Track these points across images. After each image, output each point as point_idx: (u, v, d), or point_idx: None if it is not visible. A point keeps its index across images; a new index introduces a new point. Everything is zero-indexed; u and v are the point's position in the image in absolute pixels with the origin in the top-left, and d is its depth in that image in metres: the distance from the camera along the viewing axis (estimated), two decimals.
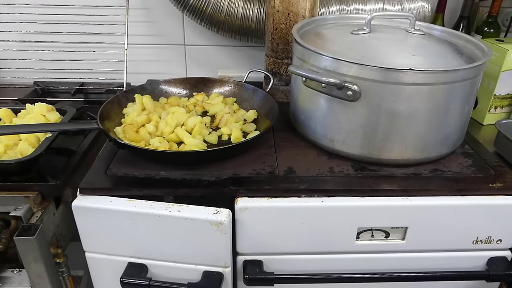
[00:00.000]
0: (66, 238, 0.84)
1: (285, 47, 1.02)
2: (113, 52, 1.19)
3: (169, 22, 1.25)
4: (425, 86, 0.73)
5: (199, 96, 1.01)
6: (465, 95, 0.79)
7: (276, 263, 0.79)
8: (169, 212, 0.70)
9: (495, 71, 1.03)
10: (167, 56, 1.30)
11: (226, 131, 0.88)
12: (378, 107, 0.76)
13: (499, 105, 1.07)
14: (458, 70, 0.74)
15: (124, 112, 0.93)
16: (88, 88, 1.19)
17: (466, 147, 0.90)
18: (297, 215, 0.75)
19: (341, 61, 0.75)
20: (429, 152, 0.81)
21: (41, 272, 0.71)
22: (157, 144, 0.80)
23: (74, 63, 1.20)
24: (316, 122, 0.84)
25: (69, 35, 1.19)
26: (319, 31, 0.94)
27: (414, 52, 0.81)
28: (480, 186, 0.78)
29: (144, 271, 0.76)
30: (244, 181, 0.76)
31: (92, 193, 0.74)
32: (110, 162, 0.80)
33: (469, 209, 0.77)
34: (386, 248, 0.80)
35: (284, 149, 0.87)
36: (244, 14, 1.13)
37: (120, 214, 0.71)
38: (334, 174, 0.79)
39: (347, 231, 0.77)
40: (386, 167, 0.81)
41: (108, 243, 0.76)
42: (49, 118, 0.88)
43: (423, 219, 0.77)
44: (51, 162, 0.83)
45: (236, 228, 0.75)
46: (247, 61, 1.31)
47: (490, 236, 0.80)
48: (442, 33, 0.94)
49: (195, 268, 0.76)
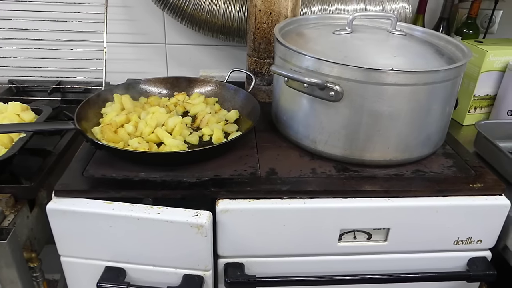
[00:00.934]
0: (40, 241, 0.81)
1: (267, 46, 1.01)
2: (92, 51, 1.16)
3: (150, 20, 1.23)
4: (406, 86, 0.73)
5: (180, 96, 0.99)
6: (446, 95, 0.79)
7: (257, 265, 0.78)
8: (148, 214, 0.69)
9: (474, 72, 1.04)
10: (147, 55, 1.28)
11: (207, 131, 0.87)
12: (360, 108, 0.75)
13: (479, 105, 1.08)
14: (439, 71, 0.74)
15: (102, 112, 0.91)
16: (65, 87, 1.16)
17: (447, 148, 0.90)
18: (279, 217, 0.74)
19: (323, 61, 0.74)
20: (411, 153, 0.81)
21: (14, 278, 0.68)
22: (136, 144, 0.78)
23: (50, 61, 1.16)
24: (298, 123, 0.84)
25: (45, 32, 1.15)
26: (301, 30, 0.93)
27: (396, 53, 0.81)
28: (461, 187, 0.78)
29: (122, 275, 0.74)
30: (226, 182, 0.75)
31: (68, 195, 0.71)
32: (87, 163, 0.78)
33: (450, 209, 0.77)
34: (369, 250, 0.80)
35: (266, 149, 0.86)
36: (225, 13, 1.11)
37: (97, 217, 0.69)
38: (316, 175, 0.79)
39: (329, 233, 0.76)
40: (369, 168, 0.81)
41: (85, 247, 0.73)
42: (23, 117, 0.85)
43: (405, 220, 0.77)
44: (25, 163, 0.80)
45: (217, 230, 0.74)
46: (228, 61, 1.29)
47: (471, 236, 0.80)
48: (423, 34, 0.95)
49: (175, 271, 0.74)
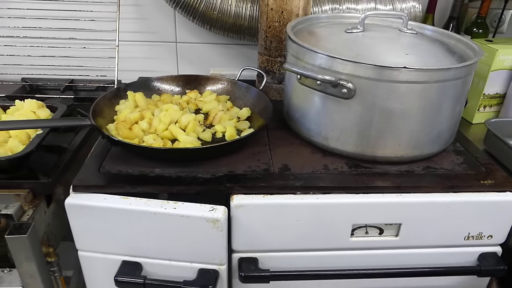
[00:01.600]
0: (57, 237, 0.82)
1: (278, 45, 1.02)
2: (104, 49, 1.17)
3: (161, 19, 1.24)
4: (418, 84, 0.74)
5: (192, 93, 1.00)
6: (457, 93, 0.80)
7: (271, 260, 0.79)
8: (164, 209, 0.70)
9: (484, 71, 1.05)
10: (158, 54, 1.29)
11: (220, 128, 0.88)
12: (372, 105, 0.76)
13: (488, 104, 1.09)
14: (450, 69, 0.75)
15: (116, 109, 0.92)
16: (78, 85, 1.17)
17: (457, 145, 0.91)
18: (293, 212, 0.75)
19: (336, 59, 0.75)
20: (421, 150, 0.82)
21: (33, 272, 0.69)
22: (151, 141, 0.79)
23: (63, 59, 1.18)
24: (310, 120, 0.85)
25: (58, 31, 1.17)
26: (312, 29, 0.94)
27: (408, 51, 0.82)
28: (472, 183, 0.79)
29: (138, 270, 0.75)
30: (240, 178, 0.76)
31: (85, 190, 0.72)
32: (103, 159, 0.79)
33: (461, 205, 0.78)
34: (380, 245, 0.81)
35: (279, 146, 0.87)
36: (237, 12, 1.12)
37: (115, 212, 0.70)
38: (328, 171, 0.80)
39: (341, 228, 0.77)
40: (380, 164, 0.82)
41: (102, 242, 0.74)
42: (39, 114, 0.87)
43: (416, 215, 0.78)
44: (42, 160, 0.82)
45: (232, 225, 0.75)
46: (239, 59, 1.30)
47: (481, 232, 0.81)
48: (433, 32, 0.95)
49: (190, 266, 0.75)
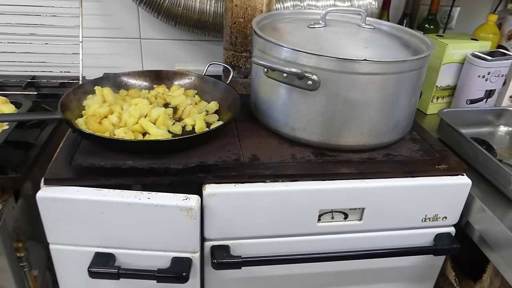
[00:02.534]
0: (25, 232, 0.81)
1: (243, 40, 1.05)
2: (67, 45, 1.16)
3: (125, 15, 1.23)
4: (377, 76, 0.79)
5: (160, 88, 1.01)
6: (412, 85, 0.85)
7: (243, 247, 0.82)
8: (139, 199, 0.71)
9: (436, 64, 1.12)
10: (122, 50, 1.28)
11: (189, 121, 0.90)
12: (336, 96, 0.81)
13: (441, 95, 1.17)
14: (406, 61, 0.81)
15: (84, 104, 0.92)
16: (40, 81, 1.15)
17: (414, 134, 0.97)
18: (263, 199, 0.78)
19: (301, 53, 0.79)
20: (382, 138, 0.88)
21: (4, 265, 0.69)
22: (122, 134, 0.80)
23: (24, 55, 1.15)
24: (277, 112, 0.88)
25: (18, 26, 1.14)
26: (276, 25, 0.98)
27: (367, 45, 0.87)
28: (428, 168, 0.85)
29: (112, 260, 0.75)
30: (211, 168, 0.78)
31: (57, 183, 0.72)
32: (74, 153, 0.79)
33: (418, 189, 0.83)
34: (345, 229, 0.85)
35: (247, 138, 0.89)
36: (201, 8, 1.14)
37: (88, 204, 0.71)
38: (296, 160, 0.83)
39: (309, 214, 0.81)
40: (344, 152, 0.86)
41: (74, 234, 0.74)
42: (3, 110, 0.85)
43: (378, 200, 0.83)
44: (9, 155, 0.80)
45: (204, 214, 0.77)
46: (204, 55, 1.32)
47: (437, 214, 0.87)
48: (390, 28, 1.01)
49: (164, 254, 0.77)
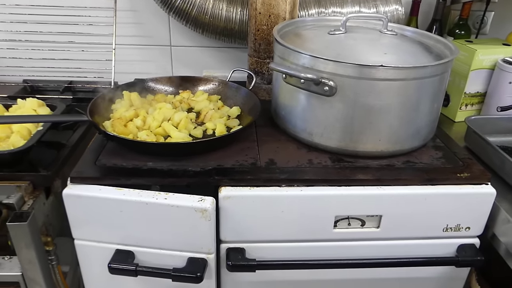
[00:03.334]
0: (55, 228, 0.87)
1: (266, 47, 1.07)
2: (101, 52, 1.22)
3: (156, 23, 1.29)
4: (396, 81, 0.79)
5: (185, 93, 1.05)
6: (434, 90, 0.84)
7: (257, 250, 0.83)
8: (156, 199, 0.74)
9: (464, 70, 1.09)
10: (153, 57, 1.34)
11: (210, 125, 0.93)
12: (353, 102, 0.81)
13: (469, 102, 1.13)
14: (426, 67, 0.80)
15: (112, 107, 0.97)
16: (76, 86, 1.22)
17: (437, 141, 0.95)
18: (278, 203, 0.79)
19: (318, 59, 0.80)
20: (401, 145, 0.86)
21: (32, 258, 0.74)
22: (144, 137, 0.84)
23: (63, 62, 1.23)
24: (296, 117, 0.89)
25: (58, 35, 1.22)
26: (298, 31, 0.99)
27: (387, 51, 0.87)
28: (449, 176, 0.83)
29: (131, 258, 0.79)
30: (228, 171, 0.80)
31: (82, 182, 0.77)
32: (99, 153, 0.83)
33: (438, 197, 0.81)
34: (362, 236, 0.84)
35: (266, 142, 0.91)
36: (227, 16, 1.17)
37: (109, 202, 0.75)
38: (313, 165, 0.84)
39: (325, 219, 0.81)
40: (362, 159, 0.86)
41: (97, 231, 0.79)
42: (39, 112, 0.92)
43: (396, 207, 0.82)
44: (42, 155, 0.86)
45: (220, 216, 0.79)
46: (230, 62, 1.35)
47: (459, 224, 0.84)
48: (413, 33, 1.00)
49: (180, 254, 0.79)
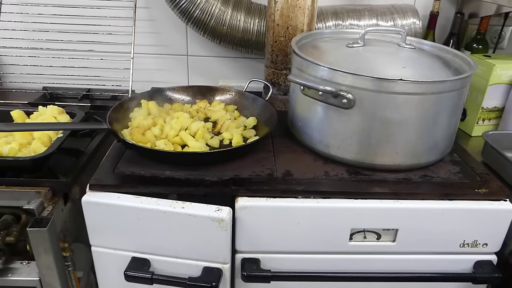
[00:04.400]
0: (72, 234, 0.88)
1: (284, 58, 1.08)
2: (120, 61, 1.24)
3: (174, 33, 1.31)
4: (414, 95, 0.78)
5: (202, 103, 1.06)
6: (453, 105, 0.84)
7: (273, 261, 0.83)
8: (173, 208, 0.75)
9: (482, 85, 1.09)
10: (170, 66, 1.36)
11: (227, 136, 0.93)
12: (371, 115, 0.81)
13: (487, 117, 1.13)
14: (445, 81, 0.79)
15: (130, 116, 0.98)
16: (94, 94, 1.24)
17: (455, 156, 0.94)
18: (294, 215, 0.79)
19: (336, 71, 0.80)
20: (419, 159, 0.86)
21: (50, 264, 0.74)
22: (162, 145, 0.85)
23: (82, 70, 1.25)
24: (312, 129, 0.89)
25: (78, 43, 1.24)
26: (316, 44, 1.00)
27: (405, 64, 0.87)
28: (466, 192, 0.82)
29: (147, 266, 0.79)
30: (245, 181, 0.81)
31: (100, 189, 0.78)
32: (117, 161, 0.84)
33: (455, 213, 0.81)
34: (378, 249, 0.84)
35: (282, 153, 0.91)
36: (245, 27, 1.18)
37: (127, 210, 0.76)
38: (329, 177, 0.84)
39: (340, 232, 0.81)
40: (379, 172, 0.86)
41: (114, 238, 0.79)
42: (59, 119, 0.93)
43: (413, 221, 0.81)
44: (61, 161, 0.88)
45: (236, 226, 0.79)
46: (247, 72, 1.36)
47: (476, 240, 0.83)
48: (431, 47, 1.00)
49: (195, 263, 0.79)
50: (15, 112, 0.94)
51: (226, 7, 1.16)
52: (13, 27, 1.21)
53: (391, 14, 1.18)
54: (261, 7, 1.20)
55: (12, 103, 1.13)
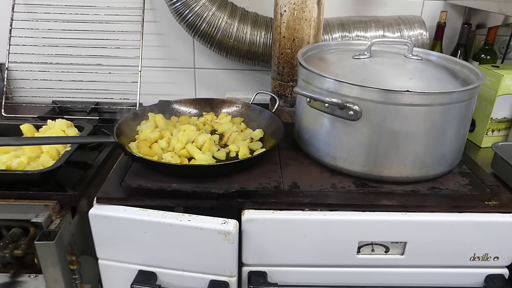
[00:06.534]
0: (79, 247, 0.88)
1: (290, 70, 1.08)
2: (128, 74, 1.26)
3: (181, 46, 1.32)
4: (422, 107, 0.78)
5: (208, 115, 1.07)
6: (461, 116, 0.83)
7: (280, 274, 0.82)
8: (180, 221, 0.75)
9: (491, 96, 1.08)
10: (177, 79, 1.37)
11: (234, 148, 0.93)
12: (378, 127, 0.80)
13: (496, 128, 1.11)
14: (453, 92, 0.79)
15: (137, 129, 0.99)
16: (102, 107, 1.26)
17: (463, 167, 0.93)
18: (301, 227, 0.78)
19: (343, 83, 0.80)
20: (427, 170, 0.85)
21: (57, 277, 0.75)
22: (169, 158, 0.85)
23: (90, 83, 1.26)
24: (319, 141, 0.89)
25: (87, 57, 1.26)
26: (322, 55, 1.00)
27: (412, 76, 0.87)
28: (476, 204, 0.81)
29: (153, 279, 0.79)
30: (251, 194, 0.80)
31: (108, 202, 0.78)
32: (124, 174, 0.85)
33: (465, 225, 0.80)
34: (386, 263, 0.83)
35: (289, 166, 0.91)
36: (251, 39, 1.19)
37: (134, 223, 0.76)
38: (336, 189, 0.83)
39: (348, 245, 0.80)
40: (386, 184, 0.85)
41: (121, 251, 0.79)
42: (68, 133, 0.94)
43: (422, 234, 0.80)
44: (69, 174, 0.88)
45: (242, 239, 0.79)
46: (253, 84, 1.37)
47: (487, 253, 0.82)
48: (438, 58, 1.00)
49: (202, 277, 0.79)
50: (24, 126, 0.95)
51: (232, 20, 1.17)
52: (23, 42, 1.23)
53: (398, 25, 1.18)
54: (267, 19, 1.21)
55: (22, 117, 1.15)
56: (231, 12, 1.17)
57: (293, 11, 1.01)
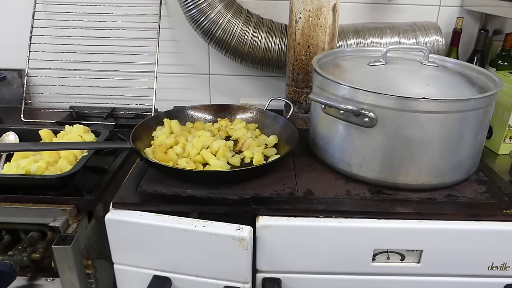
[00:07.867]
0: (95, 251, 0.89)
1: (305, 77, 1.08)
2: (144, 80, 1.27)
3: (196, 53, 1.33)
4: (438, 114, 0.77)
5: (223, 121, 1.07)
6: (478, 123, 0.82)
7: (294, 281, 0.82)
8: (194, 227, 0.75)
9: (509, 102, 1.06)
10: (192, 85, 1.38)
11: (248, 154, 0.94)
12: (394, 133, 0.80)
13: None
14: (470, 100, 0.78)
15: (153, 134, 1.00)
16: (119, 113, 1.28)
17: (481, 175, 0.92)
18: (315, 234, 0.78)
19: (358, 90, 0.80)
20: (443, 178, 0.84)
21: (74, 281, 0.76)
22: (184, 164, 0.86)
23: (107, 89, 1.28)
24: (334, 147, 0.89)
25: (104, 64, 1.28)
26: (337, 62, 1.00)
27: (428, 82, 0.86)
28: (494, 212, 0.80)
29: (168, 284, 0.80)
30: (265, 200, 0.81)
31: (123, 207, 0.79)
32: (140, 180, 0.86)
33: (483, 234, 0.79)
34: (402, 271, 0.82)
35: (304, 172, 0.91)
36: (266, 46, 1.20)
37: (149, 228, 0.76)
38: (351, 196, 0.83)
39: (363, 252, 0.80)
40: (402, 191, 0.84)
41: (136, 256, 0.80)
42: (85, 138, 0.96)
43: (438, 242, 0.79)
44: (85, 179, 0.89)
45: (257, 245, 0.79)
46: (268, 90, 1.38)
47: (506, 262, 0.81)
48: (455, 65, 0.99)
49: (216, 283, 0.79)
50: (43, 131, 0.97)
51: (247, 27, 1.18)
52: (43, 49, 1.26)
53: (413, 31, 1.17)
54: (282, 26, 1.21)
55: (41, 122, 1.17)
56: (246, 19, 1.18)
57: (308, 18, 1.01)
